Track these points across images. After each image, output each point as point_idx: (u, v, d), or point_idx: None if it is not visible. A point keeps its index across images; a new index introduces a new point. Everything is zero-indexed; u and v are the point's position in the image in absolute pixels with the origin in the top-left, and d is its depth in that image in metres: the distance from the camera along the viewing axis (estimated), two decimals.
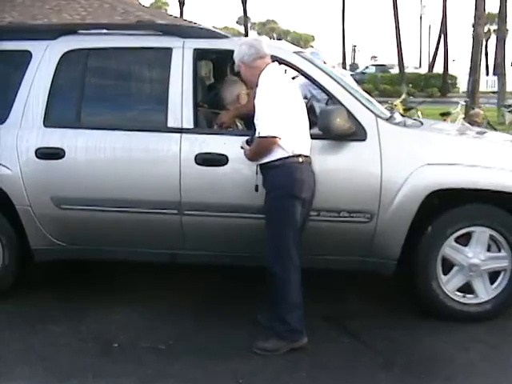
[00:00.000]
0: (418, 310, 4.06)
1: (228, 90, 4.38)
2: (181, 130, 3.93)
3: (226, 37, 4.17)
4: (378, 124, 3.87)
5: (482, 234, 3.86)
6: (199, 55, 4.07)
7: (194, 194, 3.91)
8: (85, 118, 4.11)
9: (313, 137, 3.65)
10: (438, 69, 40.33)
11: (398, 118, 4.25)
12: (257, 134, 3.41)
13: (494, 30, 37.59)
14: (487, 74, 42.26)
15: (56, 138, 4.05)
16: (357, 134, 3.82)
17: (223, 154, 3.87)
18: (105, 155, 4.00)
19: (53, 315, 4.02)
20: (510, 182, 3.82)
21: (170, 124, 3.94)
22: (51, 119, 4.08)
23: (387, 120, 3.99)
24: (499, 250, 3.90)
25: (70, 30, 4.32)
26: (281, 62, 3.95)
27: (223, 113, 4.14)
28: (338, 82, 3.99)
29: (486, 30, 27.24)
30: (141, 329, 3.83)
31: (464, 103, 13.52)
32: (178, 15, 36.25)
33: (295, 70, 4.01)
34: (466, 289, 3.94)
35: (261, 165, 3.50)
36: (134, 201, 3.96)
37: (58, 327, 3.84)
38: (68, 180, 4.03)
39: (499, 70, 18.98)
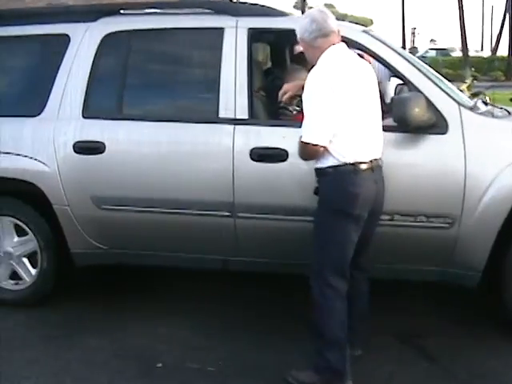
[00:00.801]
0: (506, 331, 3.50)
1: (291, 79, 3.88)
2: (234, 121, 3.46)
3: (285, 14, 3.67)
4: (461, 114, 3.31)
5: None
6: (255, 36, 3.57)
7: (249, 193, 3.45)
8: (127, 109, 3.70)
9: (385, 129, 3.12)
10: (503, 51, 38.62)
11: (482, 106, 3.66)
12: (299, 137, 2.85)
13: None
14: None
15: (96, 130, 3.64)
16: (437, 125, 3.27)
17: (283, 149, 3.38)
18: (149, 150, 3.58)
19: (92, 326, 3.65)
20: None
21: (222, 114, 3.48)
22: (91, 109, 3.68)
23: (471, 109, 3.42)
24: None
25: (112, 10, 3.88)
26: (347, 41, 3.44)
27: (289, 84, 3.53)
28: (415, 65, 3.44)
29: None
30: (188, 346, 3.40)
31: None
32: None
33: (365, 51, 3.47)
34: None
35: (315, 169, 2.95)
36: (182, 201, 3.52)
37: (97, 341, 3.46)
38: (108, 177, 3.63)
39: None
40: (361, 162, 2.81)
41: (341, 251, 2.85)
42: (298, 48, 5.50)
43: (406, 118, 3.13)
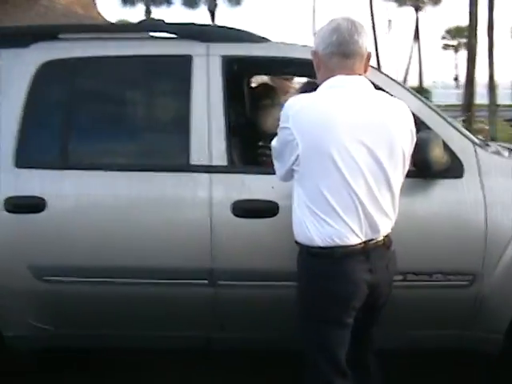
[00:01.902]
0: None
1: (270, 114, 3.35)
2: (210, 169, 2.84)
3: (265, 40, 3.09)
4: (477, 155, 2.87)
5: None
6: (230, 65, 2.97)
7: (232, 257, 2.83)
8: (74, 155, 2.98)
9: None
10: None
11: (491, 144, 3.25)
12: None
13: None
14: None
15: (33, 183, 2.89)
16: (452, 168, 2.80)
17: (271, 201, 2.79)
18: (103, 206, 2.88)
19: None
20: None
21: (195, 160, 2.85)
22: (26, 157, 2.92)
23: (484, 148, 2.98)
24: None
25: (48, 33, 3.15)
26: None
27: None
28: (423, 100, 2.96)
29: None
30: None
31: (463, 118, 12.47)
32: None
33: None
34: None
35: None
36: (148, 269, 2.84)
37: None
38: (51, 242, 2.88)
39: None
40: (338, 247, 2.13)
41: (325, 357, 2.24)
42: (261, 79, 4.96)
43: (428, 161, 2.63)
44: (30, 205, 2.87)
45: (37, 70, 2.98)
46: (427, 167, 2.65)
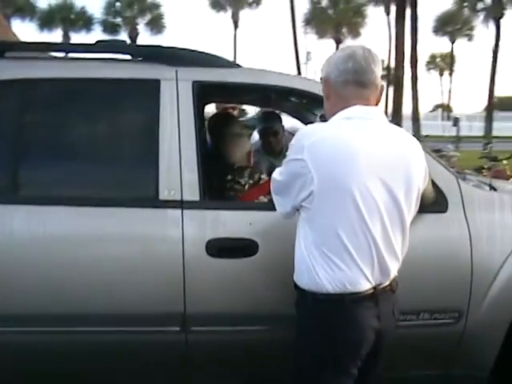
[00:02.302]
0: None
1: (237, 146, 3.14)
2: (182, 204, 2.58)
3: (235, 65, 2.88)
4: (460, 189, 2.77)
5: None
6: (202, 91, 2.73)
7: (207, 300, 2.57)
8: (24, 188, 2.65)
9: None
10: None
11: (471, 177, 3.17)
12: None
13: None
14: None
15: None
16: (437, 203, 2.68)
17: (250, 239, 2.56)
18: (59, 246, 2.55)
19: None
20: None
21: (164, 195, 2.58)
22: None
23: (466, 182, 2.89)
24: None
25: None
26: (310, 96, 2.79)
27: None
28: None
29: None
30: None
31: None
32: None
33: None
34: None
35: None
36: (112, 316, 2.53)
37: None
38: None
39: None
40: (349, 293, 1.94)
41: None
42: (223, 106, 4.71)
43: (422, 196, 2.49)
44: None
45: None
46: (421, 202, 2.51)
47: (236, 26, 44.91)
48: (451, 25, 39.61)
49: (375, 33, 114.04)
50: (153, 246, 2.55)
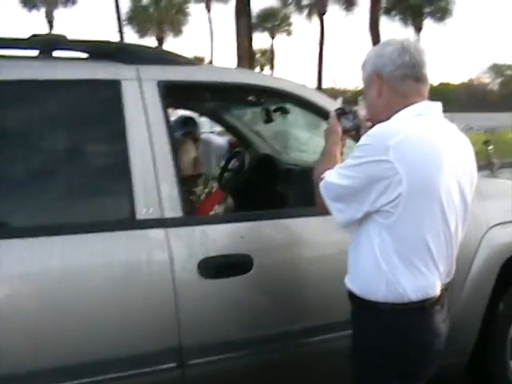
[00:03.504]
0: None
1: (183, 152, 2.85)
2: (164, 223, 2.24)
3: (195, 63, 2.58)
4: None
5: None
6: (169, 92, 2.39)
7: (203, 327, 2.27)
8: None
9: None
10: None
11: None
12: (328, 171, 1.88)
13: None
14: None
15: None
16: None
17: (244, 255, 2.31)
18: (21, 283, 2.08)
19: None
20: None
21: (142, 214, 2.22)
22: None
23: None
24: None
25: None
26: (286, 96, 2.60)
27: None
28: None
29: None
30: None
31: None
32: None
33: (318, 113, 2.63)
34: None
35: (348, 291, 1.94)
36: (94, 365, 2.12)
37: None
38: None
39: None
40: (429, 299, 1.82)
41: None
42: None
43: None
44: None
45: None
46: None
47: (51, 26, 42.57)
48: (270, 21, 41.20)
49: (196, 29, 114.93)
50: (137, 274, 2.19)
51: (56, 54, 2.43)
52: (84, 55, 2.48)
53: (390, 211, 1.74)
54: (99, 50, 2.43)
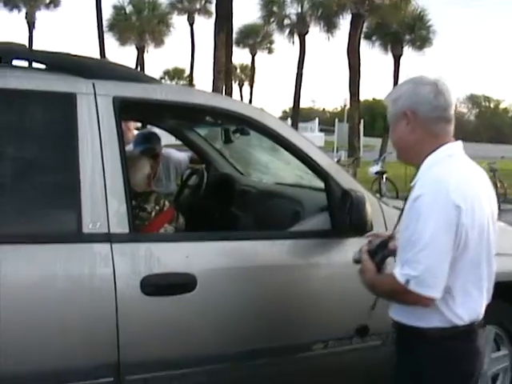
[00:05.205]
0: None
1: (137, 168, 2.87)
2: (110, 238, 2.26)
3: (155, 81, 2.61)
4: (382, 210, 2.81)
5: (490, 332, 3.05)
6: (125, 108, 2.42)
7: (143, 345, 2.28)
8: None
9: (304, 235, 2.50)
10: None
11: (389, 200, 3.24)
12: (401, 277, 1.84)
13: None
14: None
15: None
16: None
17: (188, 274, 2.33)
18: None
19: None
20: None
21: (88, 228, 2.23)
22: None
23: (385, 203, 2.94)
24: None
25: None
26: (242, 119, 2.65)
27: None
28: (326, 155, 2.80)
29: None
30: None
31: None
32: None
33: (272, 138, 2.68)
34: None
35: (396, 323, 2.02)
36: (28, 376, 2.12)
37: None
38: None
39: None
40: (477, 323, 1.93)
41: None
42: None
43: (364, 221, 2.50)
44: None
45: None
46: (362, 227, 2.50)
47: (32, 27, 42.15)
48: (252, 37, 41.33)
49: (178, 41, 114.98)
50: (79, 288, 2.20)
51: (15, 63, 2.44)
52: (43, 66, 2.49)
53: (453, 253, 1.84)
54: (58, 62, 2.45)
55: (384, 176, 12.47)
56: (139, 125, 4.53)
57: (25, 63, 2.49)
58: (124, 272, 2.24)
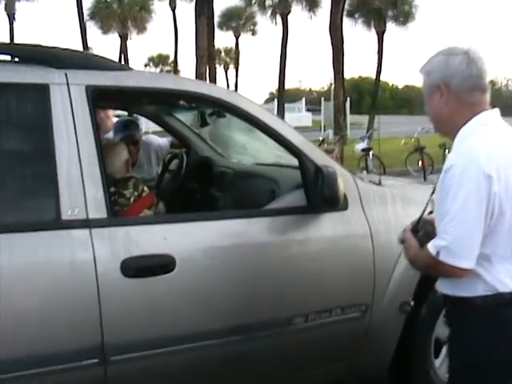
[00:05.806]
0: None
1: (114, 154, 2.91)
2: (88, 223, 2.32)
3: (126, 68, 2.65)
4: (357, 185, 2.88)
5: None
6: (98, 97, 2.47)
7: (126, 326, 2.35)
8: None
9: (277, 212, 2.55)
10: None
11: (367, 176, 3.30)
12: (432, 248, 1.90)
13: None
14: None
15: None
16: None
17: (167, 255, 2.40)
18: None
19: None
20: None
21: (67, 215, 2.29)
22: None
23: (360, 178, 3.01)
24: None
25: None
26: (213, 102, 2.70)
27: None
28: (299, 133, 2.86)
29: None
30: None
31: None
32: None
33: (244, 118, 2.74)
34: None
35: (444, 296, 2.04)
36: (13, 361, 2.18)
37: None
38: None
39: None
40: None
41: None
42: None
43: (336, 198, 2.55)
44: None
45: None
46: (333, 203, 2.57)
47: (12, 19, 41.67)
48: (235, 20, 41.18)
49: (161, 27, 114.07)
50: (60, 273, 2.26)
51: None
52: (14, 59, 2.52)
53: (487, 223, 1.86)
54: (30, 54, 2.49)
55: (370, 153, 12.56)
56: (121, 113, 4.57)
57: None
58: (104, 256, 2.30)
